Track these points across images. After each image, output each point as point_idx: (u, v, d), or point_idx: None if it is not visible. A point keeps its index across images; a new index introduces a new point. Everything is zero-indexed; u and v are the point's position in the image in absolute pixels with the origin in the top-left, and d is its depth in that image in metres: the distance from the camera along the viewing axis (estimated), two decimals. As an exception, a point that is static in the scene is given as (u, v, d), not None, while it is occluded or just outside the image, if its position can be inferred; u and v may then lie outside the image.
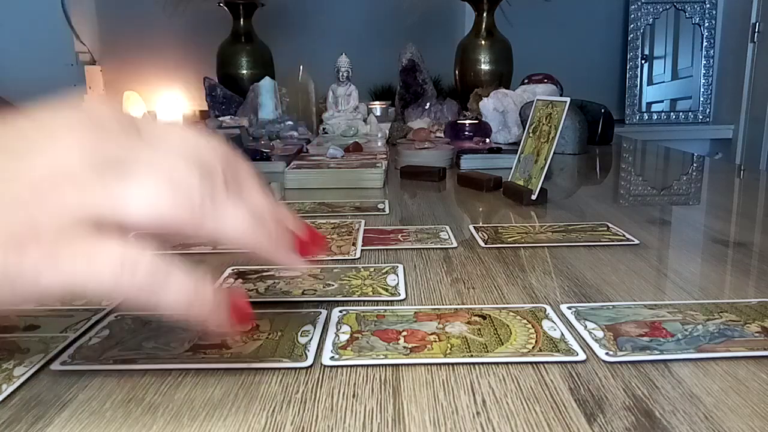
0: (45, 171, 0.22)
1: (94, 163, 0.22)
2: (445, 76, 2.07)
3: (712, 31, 2.35)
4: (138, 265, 0.22)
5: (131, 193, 0.22)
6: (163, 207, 0.22)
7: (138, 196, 0.22)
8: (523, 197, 0.71)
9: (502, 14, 1.83)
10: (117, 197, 0.22)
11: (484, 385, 0.28)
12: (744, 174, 1.00)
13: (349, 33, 2.28)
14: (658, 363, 0.30)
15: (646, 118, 2.40)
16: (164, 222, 0.23)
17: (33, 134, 0.23)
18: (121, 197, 0.22)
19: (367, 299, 0.40)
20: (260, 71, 1.84)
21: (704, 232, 0.58)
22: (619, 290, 0.41)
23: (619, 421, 0.25)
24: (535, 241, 0.54)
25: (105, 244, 0.22)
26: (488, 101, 1.25)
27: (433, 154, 1.02)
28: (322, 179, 0.85)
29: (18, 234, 0.21)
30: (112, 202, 0.22)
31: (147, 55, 2.34)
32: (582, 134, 1.18)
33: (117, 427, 0.25)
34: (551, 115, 0.71)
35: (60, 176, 0.22)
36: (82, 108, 0.25)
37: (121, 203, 0.22)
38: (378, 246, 0.53)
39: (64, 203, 0.22)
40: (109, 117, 0.24)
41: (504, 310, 0.37)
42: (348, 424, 0.25)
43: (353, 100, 1.33)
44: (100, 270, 0.22)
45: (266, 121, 1.34)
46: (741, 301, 0.38)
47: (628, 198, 0.79)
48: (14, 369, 0.30)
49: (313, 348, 0.32)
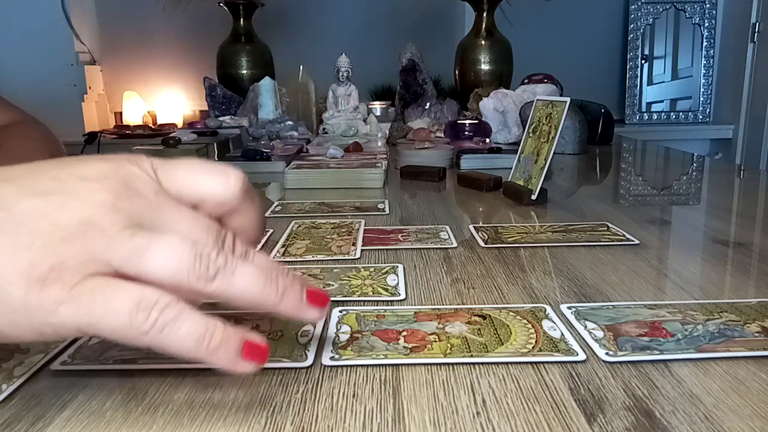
0: (76, 217, 0.23)
1: (122, 218, 0.24)
2: (445, 76, 2.07)
3: (712, 31, 2.35)
4: (154, 307, 0.23)
5: (152, 250, 0.24)
6: (180, 266, 0.24)
7: (157, 253, 0.24)
8: (523, 197, 0.71)
9: (502, 14, 1.83)
10: (139, 252, 0.24)
11: (484, 385, 0.28)
12: (744, 174, 1.00)
13: (349, 33, 2.28)
14: (658, 363, 0.30)
15: (646, 118, 2.40)
16: (179, 280, 0.24)
17: (67, 180, 0.24)
18: (143, 253, 0.24)
19: (367, 299, 0.40)
20: (260, 71, 1.84)
21: (704, 232, 0.58)
22: (619, 290, 0.41)
23: (619, 421, 0.25)
24: (535, 241, 0.54)
25: (124, 284, 0.23)
26: (488, 101, 1.25)
27: (433, 154, 1.02)
28: (322, 179, 0.85)
29: (43, 271, 0.22)
30: (135, 256, 0.23)
31: (147, 55, 2.34)
32: (582, 134, 1.18)
33: (117, 427, 0.25)
34: (551, 115, 0.71)
35: (90, 224, 0.23)
36: (114, 162, 0.26)
37: (142, 258, 0.24)
38: (378, 246, 0.53)
39: (91, 249, 0.23)
40: (137, 174, 0.26)
41: (504, 310, 0.37)
42: (348, 424, 0.25)
43: (353, 100, 1.33)
44: (118, 308, 0.23)
45: (266, 121, 1.34)
46: (741, 301, 0.38)
47: (628, 198, 0.79)
48: (14, 369, 0.30)
49: (313, 348, 0.32)
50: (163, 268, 0.24)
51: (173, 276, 0.24)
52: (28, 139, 0.78)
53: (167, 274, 0.24)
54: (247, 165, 0.99)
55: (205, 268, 0.24)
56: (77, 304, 0.23)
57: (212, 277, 0.24)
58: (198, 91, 2.21)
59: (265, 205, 0.72)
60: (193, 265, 0.24)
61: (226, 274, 0.25)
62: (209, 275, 0.24)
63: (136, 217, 0.24)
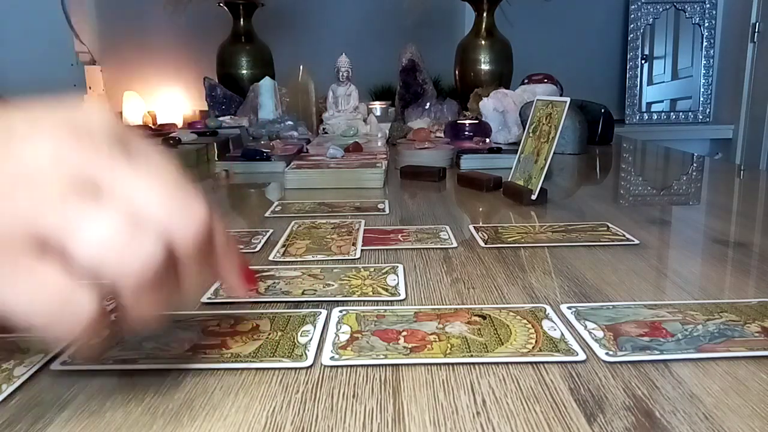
0: (10, 170, 0.21)
1: (64, 174, 0.21)
2: (445, 76, 2.07)
3: (712, 31, 2.35)
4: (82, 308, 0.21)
5: (86, 226, 0.21)
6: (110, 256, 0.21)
7: (90, 232, 0.21)
8: (523, 197, 0.71)
9: (502, 14, 1.83)
10: (71, 224, 0.20)
11: (484, 385, 0.28)
12: (744, 174, 1.00)
13: (349, 33, 2.28)
14: (658, 363, 0.30)
15: (646, 118, 2.40)
16: (104, 271, 0.21)
17: (16, 127, 0.22)
18: (75, 227, 0.20)
19: (367, 299, 0.40)
20: (260, 71, 1.84)
21: (704, 232, 0.58)
22: (619, 290, 0.41)
23: (619, 421, 0.25)
24: (535, 241, 0.54)
25: (50, 272, 0.20)
26: (488, 101, 1.25)
27: (433, 154, 1.02)
28: (322, 179, 0.85)
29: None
30: (65, 227, 0.21)
31: (147, 55, 2.34)
32: (582, 134, 1.18)
33: (117, 427, 0.25)
34: (551, 115, 0.71)
35: (24, 180, 0.21)
36: (76, 111, 0.23)
37: (72, 232, 0.21)
38: (378, 246, 0.53)
39: (18, 212, 0.20)
40: (100, 127, 0.23)
41: (504, 310, 0.37)
42: (348, 424, 0.25)
43: (353, 100, 1.33)
44: (41, 300, 0.20)
45: (266, 121, 1.34)
46: (741, 301, 0.38)
47: (628, 198, 0.79)
48: (14, 369, 0.30)
49: (313, 348, 0.32)
50: (89, 254, 0.21)
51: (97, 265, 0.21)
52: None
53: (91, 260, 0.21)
54: (247, 165, 0.99)
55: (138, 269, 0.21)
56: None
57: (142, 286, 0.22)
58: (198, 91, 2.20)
59: (265, 205, 0.72)
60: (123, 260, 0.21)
61: None
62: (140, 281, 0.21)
63: (82, 179, 0.21)
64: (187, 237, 0.23)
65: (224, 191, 0.86)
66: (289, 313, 0.37)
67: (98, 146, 0.22)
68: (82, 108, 0.24)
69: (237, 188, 0.89)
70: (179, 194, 0.23)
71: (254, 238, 0.56)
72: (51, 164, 0.21)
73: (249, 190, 0.87)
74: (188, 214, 0.23)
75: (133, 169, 0.22)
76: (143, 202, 0.22)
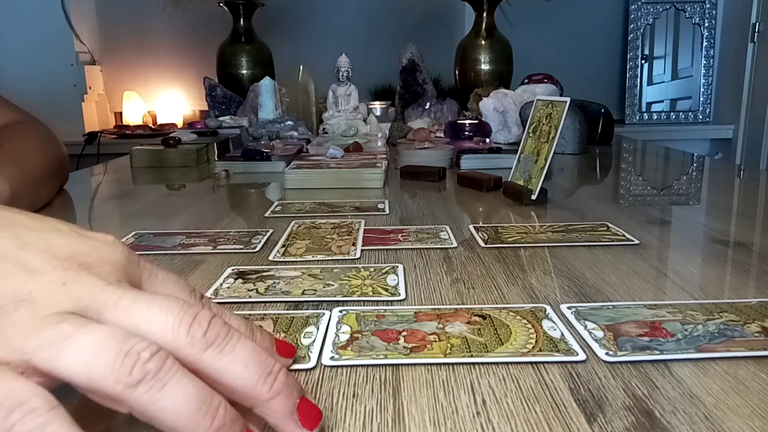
0: (14, 290, 0.21)
1: (65, 299, 0.21)
2: (445, 76, 2.07)
3: (712, 31, 2.35)
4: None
5: (71, 341, 0.20)
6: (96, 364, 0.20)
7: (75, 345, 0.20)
8: (523, 197, 0.71)
9: (502, 14, 1.83)
10: (57, 342, 0.20)
11: (484, 385, 0.28)
12: (744, 174, 1.00)
13: (349, 33, 2.28)
14: (658, 363, 0.30)
15: (646, 118, 2.40)
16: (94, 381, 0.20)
17: (29, 246, 0.22)
18: (61, 343, 0.20)
19: (367, 299, 0.40)
20: (260, 71, 1.84)
21: (704, 232, 0.58)
22: (619, 290, 0.41)
23: (619, 421, 0.25)
24: (535, 241, 0.54)
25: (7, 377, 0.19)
26: (488, 101, 1.25)
27: (433, 154, 1.02)
28: (322, 179, 0.85)
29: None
30: (52, 346, 0.20)
31: (147, 55, 2.34)
32: (582, 134, 1.18)
33: (117, 427, 0.25)
34: (551, 115, 0.71)
35: (24, 301, 0.21)
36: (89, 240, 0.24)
37: (57, 350, 0.20)
38: (378, 246, 0.53)
39: (8, 332, 0.20)
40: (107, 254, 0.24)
41: (504, 310, 0.37)
42: (348, 424, 0.25)
43: (353, 100, 1.33)
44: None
45: (266, 121, 1.34)
46: (741, 301, 0.38)
47: (628, 198, 0.79)
48: (14, 369, 0.30)
49: (316, 350, 0.32)
50: (75, 365, 0.20)
51: (87, 377, 0.20)
52: (28, 139, 0.78)
53: (79, 374, 0.20)
54: (247, 165, 0.99)
55: (128, 370, 0.20)
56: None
57: (135, 384, 0.20)
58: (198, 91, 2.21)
59: (265, 205, 0.72)
60: (113, 364, 0.20)
61: (154, 384, 0.20)
62: (131, 380, 0.20)
63: (84, 301, 0.22)
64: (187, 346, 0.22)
65: (224, 191, 0.86)
66: (293, 314, 0.37)
67: (103, 274, 0.23)
68: (93, 239, 0.24)
69: (237, 188, 0.89)
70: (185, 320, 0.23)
71: (254, 238, 0.56)
72: (55, 290, 0.21)
73: (249, 190, 0.87)
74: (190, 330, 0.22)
75: (136, 302, 0.23)
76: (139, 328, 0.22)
